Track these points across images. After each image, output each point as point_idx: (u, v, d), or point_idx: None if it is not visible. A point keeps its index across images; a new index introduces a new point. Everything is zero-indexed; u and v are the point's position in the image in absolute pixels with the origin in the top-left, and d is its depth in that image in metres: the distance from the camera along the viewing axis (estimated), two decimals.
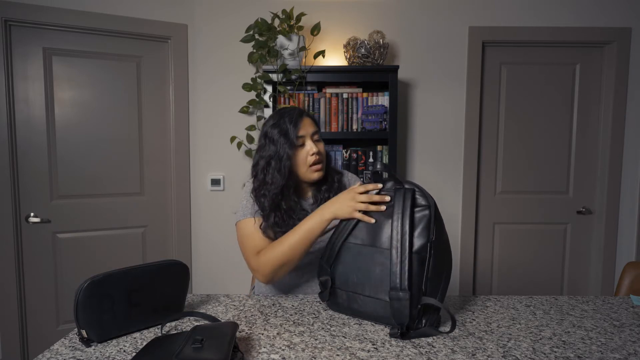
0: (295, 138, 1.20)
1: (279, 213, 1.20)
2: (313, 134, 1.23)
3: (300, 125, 1.21)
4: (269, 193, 1.20)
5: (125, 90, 2.33)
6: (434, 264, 0.93)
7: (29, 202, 2.17)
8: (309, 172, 1.22)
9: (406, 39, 2.43)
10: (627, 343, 0.89)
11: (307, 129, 1.22)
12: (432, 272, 0.93)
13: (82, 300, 0.85)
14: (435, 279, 0.93)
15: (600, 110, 2.53)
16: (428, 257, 0.92)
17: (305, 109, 1.29)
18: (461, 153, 2.49)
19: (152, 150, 2.42)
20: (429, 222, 0.94)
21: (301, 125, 1.21)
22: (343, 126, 2.22)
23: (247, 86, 2.23)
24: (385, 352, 0.84)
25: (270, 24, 2.19)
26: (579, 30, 2.42)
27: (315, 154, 1.21)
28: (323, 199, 1.25)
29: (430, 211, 0.95)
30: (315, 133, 1.24)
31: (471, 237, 2.51)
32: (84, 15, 2.17)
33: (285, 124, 1.21)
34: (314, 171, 1.22)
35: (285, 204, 1.21)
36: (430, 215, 0.94)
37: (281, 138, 1.20)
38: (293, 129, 1.20)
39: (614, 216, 2.50)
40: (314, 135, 1.24)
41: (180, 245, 2.47)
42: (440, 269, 0.95)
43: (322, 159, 1.23)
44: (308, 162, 1.21)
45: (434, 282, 0.93)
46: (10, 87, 2.10)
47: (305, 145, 1.22)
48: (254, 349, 0.85)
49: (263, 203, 1.21)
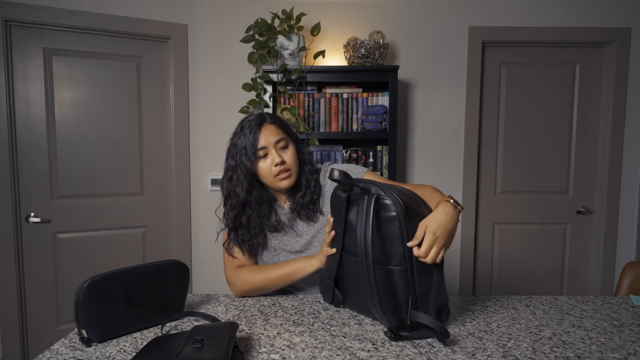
0: (253, 152, 1.14)
1: (240, 231, 1.19)
2: (277, 142, 1.16)
3: (260, 135, 1.15)
4: (232, 209, 1.19)
5: (125, 90, 2.33)
6: (419, 270, 0.88)
7: (29, 202, 2.17)
8: (276, 181, 1.17)
9: (406, 39, 2.43)
10: (627, 343, 0.89)
11: (268, 139, 1.15)
12: (419, 279, 0.88)
13: (82, 300, 0.85)
14: (422, 285, 0.89)
15: (600, 110, 2.53)
16: (408, 265, 0.87)
17: (270, 114, 1.23)
18: (461, 153, 2.49)
19: (152, 150, 2.42)
20: (400, 227, 0.87)
21: (261, 135, 1.15)
22: (343, 126, 2.23)
23: (247, 86, 2.23)
24: (385, 352, 0.84)
25: (270, 24, 2.19)
26: (579, 30, 2.42)
27: (279, 164, 1.15)
28: (299, 206, 1.21)
29: (400, 217, 0.87)
30: (280, 140, 1.17)
31: (471, 237, 2.51)
32: (84, 15, 2.17)
33: (243, 137, 1.16)
34: (280, 180, 1.16)
35: (246, 218, 1.19)
36: (400, 220, 0.87)
37: (240, 152, 1.16)
38: (252, 141, 1.15)
39: (614, 216, 2.50)
40: (279, 143, 1.16)
41: (180, 245, 2.47)
42: (428, 276, 0.89)
43: (289, 166, 1.17)
44: (273, 173, 1.16)
45: (422, 288, 0.89)
46: (10, 87, 2.10)
47: (268, 156, 1.16)
48: (254, 349, 0.85)
49: (227, 219, 1.21)
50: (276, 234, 1.23)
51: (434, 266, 0.89)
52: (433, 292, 0.89)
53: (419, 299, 0.89)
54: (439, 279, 0.89)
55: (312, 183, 1.23)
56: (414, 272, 0.88)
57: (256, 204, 1.19)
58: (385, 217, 0.88)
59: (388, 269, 0.89)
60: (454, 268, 2.53)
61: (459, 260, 2.52)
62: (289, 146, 1.19)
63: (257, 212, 1.20)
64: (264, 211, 1.21)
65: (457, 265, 2.53)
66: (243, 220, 1.19)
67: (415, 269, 0.88)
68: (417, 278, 0.88)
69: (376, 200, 0.89)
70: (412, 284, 0.88)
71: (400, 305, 0.89)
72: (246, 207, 1.19)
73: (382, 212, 0.89)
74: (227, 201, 1.21)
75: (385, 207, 0.88)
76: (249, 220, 1.19)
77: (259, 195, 1.20)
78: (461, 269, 2.52)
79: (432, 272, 0.89)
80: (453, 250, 2.52)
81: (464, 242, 2.51)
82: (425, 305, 0.90)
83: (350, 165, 1.28)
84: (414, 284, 0.88)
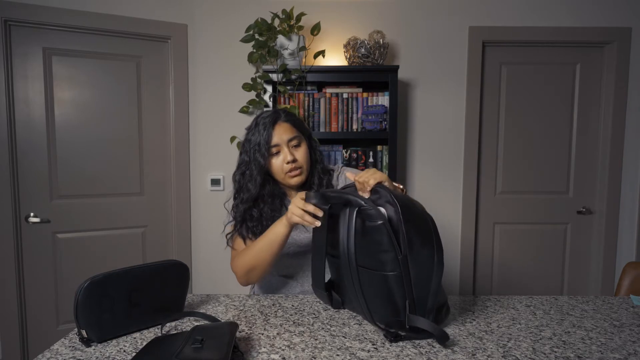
0: (267, 149, 1.18)
1: (251, 223, 1.21)
2: (290, 140, 1.20)
3: (273, 133, 1.19)
4: (242, 203, 1.21)
5: (125, 90, 2.33)
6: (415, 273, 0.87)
7: (29, 202, 2.17)
8: (287, 178, 1.21)
9: (406, 39, 2.43)
10: (627, 343, 0.88)
11: (281, 136, 1.19)
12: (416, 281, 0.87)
13: (82, 300, 0.85)
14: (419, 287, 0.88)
15: (600, 110, 2.52)
16: (403, 269, 0.87)
17: (285, 111, 1.25)
18: (461, 153, 2.49)
19: (152, 150, 2.42)
20: (389, 234, 0.86)
21: (275, 133, 1.19)
22: (343, 126, 2.22)
23: (247, 86, 2.23)
24: (385, 352, 0.84)
25: (270, 24, 2.19)
26: (579, 30, 2.42)
27: (291, 162, 1.18)
28: None
29: (386, 225, 0.86)
30: (293, 138, 1.20)
31: (471, 237, 2.51)
32: (83, 15, 2.17)
33: (257, 134, 1.19)
34: (291, 177, 1.20)
35: (258, 211, 1.21)
36: (387, 228, 0.86)
37: (253, 148, 1.19)
38: (265, 138, 1.18)
39: (614, 216, 2.50)
40: (292, 141, 1.20)
41: (180, 245, 2.47)
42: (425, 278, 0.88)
43: (300, 164, 1.20)
44: (284, 170, 1.19)
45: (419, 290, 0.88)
46: (10, 87, 2.10)
47: (280, 153, 1.20)
48: (254, 349, 0.85)
49: (237, 212, 1.23)
50: None
51: (430, 269, 0.89)
52: (431, 293, 0.89)
53: (416, 301, 0.89)
54: (436, 280, 0.89)
55: (324, 182, 1.26)
56: (410, 276, 0.87)
57: (269, 198, 1.23)
58: (372, 227, 0.88)
59: (383, 275, 0.88)
60: (454, 268, 2.53)
61: (459, 260, 2.52)
62: (301, 144, 1.22)
63: (269, 205, 1.22)
64: (276, 205, 1.24)
65: (457, 265, 2.53)
66: (254, 213, 1.22)
67: (412, 273, 0.88)
68: (413, 281, 0.88)
69: (359, 212, 0.90)
70: (408, 287, 0.88)
71: (398, 309, 0.89)
72: (259, 201, 1.22)
73: (368, 221, 0.89)
74: (238, 195, 1.23)
75: (370, 217, 0.89)
76: (261, 213, 1.22)
77: (272, 190, 1.24)
78: (461, 269, 2.52)
79: (429, 274, 0.89)
80: (453, 250, 2.52)
81: (464, 242, 2.51)
82: (424, 306, 0.89)
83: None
84: (410, 287, 0.88)
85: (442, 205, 2.50)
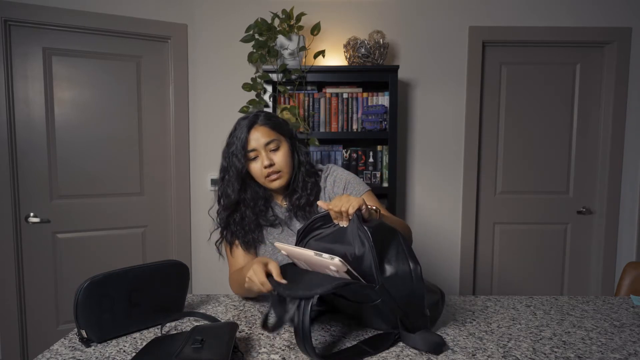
0: (243, 154, 1.15)
1: (235, 227, 1.20)
2: (268, 144, 1.16)
3: (249, 137, 1.16)
4: (224, 209, 1.20)
5: (125, 90, 2.33)
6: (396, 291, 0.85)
7: (28, 202, 2.17)
8: (267, 182, 1.18)
9: (406, 39, 2.43)
10: (628, 343, 0.88)
11: (258, 140, 1.16)
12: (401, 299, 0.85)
13: (82, 301, 0.85)
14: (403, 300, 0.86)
15: (600, 110, 2.52)
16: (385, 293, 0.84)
17: (265, 113, 1.22)
18: (461, 153, 2.49)
19: (152, 150, 2.42)
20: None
21: (251, 137, 1.16)
22: (343, 126, 2.22)
23: (247, 86, 2.23)
24: (385, 352, 0.84)
25: (270, 24, 2.19)
26: (579, 30, 2.42)
27: (268, 167, 1.16)
28: (295, 208, 1.22)
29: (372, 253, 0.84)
30: (271, 142, 1.16)
31: (471, 237, 2.51)
32: (84, 15, 2.17)
33: (235, 138, 1.18)
34: (270, 181, 1.18)
35: (240, 215, 1.20)
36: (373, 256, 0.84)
37: (231, 153, 1.18)
38: (242, 143, 1.15)
39: (614, 216, 2.49)
40: (269, 145, 1.16)
41: (180, 245, 2.47)
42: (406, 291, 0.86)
43: (278, 168, 1.17)
44: (263, 174, 1.17)
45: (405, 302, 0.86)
46: (10, 87, 2.10)
47: (258, 158, 1.17)
48: (254, 349, 0.85)
49: (220, 219, 1.22)
50: (273, 230, 1.23)
51: (409, 282, 0.86)
52: (419, 301, 0.87)
53: (409, 313, 0.87)
54: (419, 291, 0.86)
55: (309, 185, 1.22)
56: (392, 296, 0.85)
57: (251, 201, 1.21)
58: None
59: (370, 305, 0.86)
60: (454, 268, 2.53)
61: (459, 260, 2.52)
62: (280, 147, 1.18)
63: (251, 209, 1.21)
64: (260, 207, 1.22)
65: (457, 265, 2.53)
66: (236, 218, 1.20)
67: (394, 294, 0.84)
68: (398, 301, 0.85)
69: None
70: (395, 308, 0.86)
71: (395, 323, 0.88)
72: (240, 205, 1.20)
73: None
74: (220, 201, 1.22)
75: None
76: (242, 217, 1.20)
77: (254, 193, 1.22)
78: (461, 269, 2.52)
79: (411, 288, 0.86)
80: (453, 250, 2.52)
81: (464, 242, 2.51)
82: (419, 311, 0.87)
83: (355, 177, 1.27)
84: (396, 306, 0.85)
85: (442, 205, 2.49)
